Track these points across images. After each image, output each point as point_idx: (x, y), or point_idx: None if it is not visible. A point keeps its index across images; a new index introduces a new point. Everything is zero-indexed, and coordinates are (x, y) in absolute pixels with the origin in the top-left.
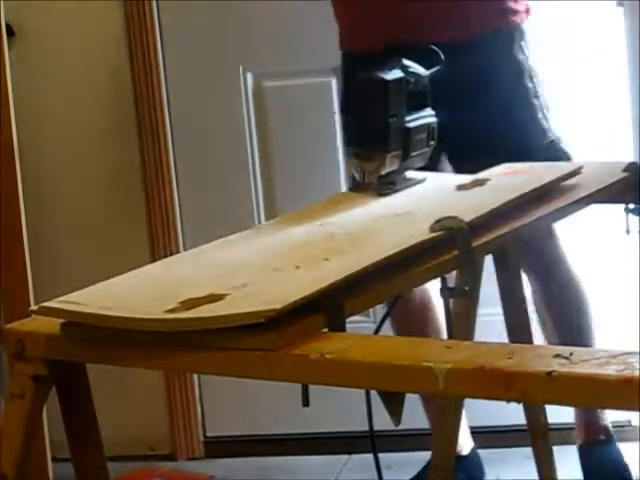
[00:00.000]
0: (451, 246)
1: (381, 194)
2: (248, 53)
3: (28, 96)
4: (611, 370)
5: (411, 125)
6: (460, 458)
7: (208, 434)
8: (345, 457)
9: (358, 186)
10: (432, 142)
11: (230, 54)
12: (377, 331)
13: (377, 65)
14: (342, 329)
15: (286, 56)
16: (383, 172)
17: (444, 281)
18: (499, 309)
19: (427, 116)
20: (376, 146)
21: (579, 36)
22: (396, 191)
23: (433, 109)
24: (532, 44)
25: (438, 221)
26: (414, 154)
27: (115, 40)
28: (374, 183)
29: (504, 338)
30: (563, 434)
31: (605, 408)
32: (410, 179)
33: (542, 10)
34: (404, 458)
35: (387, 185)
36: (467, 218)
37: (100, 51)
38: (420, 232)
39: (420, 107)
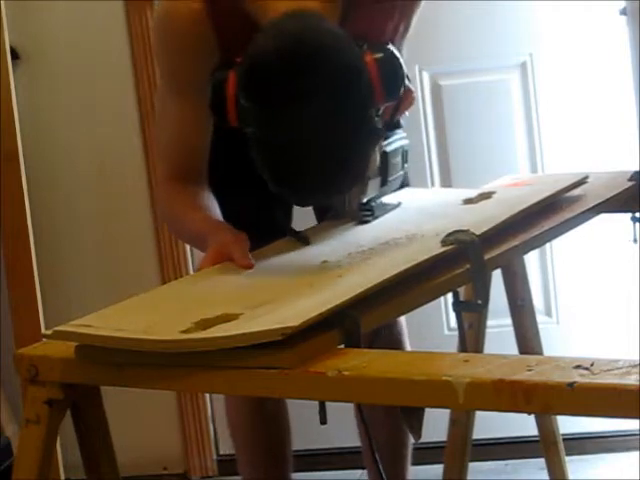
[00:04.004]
0: (462, 260)
1: (362, 221)
2: None
3: (35, 120)
4: (632, 380)
5: (388, 149)
6: None
7: (221, 452)
8: (359, 472)
9: (338, 215)
10: (406, 165)
11: None
12: None
13: None
14: (358, 345)
15: None
16: (365, 199)
17: (456, 295)
18: (507, 321)
19: (400, 138)
20: None
21: (582, 45)
22: (375, 217)
23: None
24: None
25: (449, 235)
26: (391, 178)
27: (118, 58)
28: (355, 210)
29: (508, 350)
30: (576, 444)
31: (627, 418)
32: (387, 204)
33: (546, 21)
34: (416, 472)
35: (367, 212)
36: (477, 231)
37: (104, 69)
38: (432, 246)
39: (393, 128)
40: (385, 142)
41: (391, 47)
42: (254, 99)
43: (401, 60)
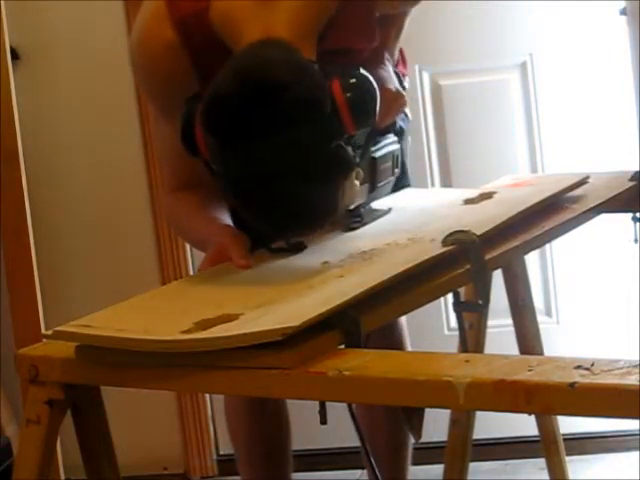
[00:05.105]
0: (463, 260)
1: (350, 228)
2: None
3: (35, 120)
4: (632, 380)
5: (377, 155)
6: None
7: (221, 452)
8: (359, 472)
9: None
10: (396, 170)
11: None
12: None
13: None
14: (358, 345)
15: None
16: (352, 206)
17: (457, 295)
18: (508, 321)
19: (391, 143)
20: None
21: (582, 45)
22: (364, 224)
23: None
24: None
25: (450, 235)
26: (380, 184)
27: (118, 58)
28: (342, 217)
29: (508, 350)
30: (576, 444)
31: (627, 418)
32: (376, 210)
33: (546, 21)
34: (416, 472)
35: (355, 219)
36: (478, 232)
37: (104, 69)
38: (432, 247)
39: (383, 133)
40: (374, 148)
41: (363, 72)
42: (212, 135)
43: (374, 84)
